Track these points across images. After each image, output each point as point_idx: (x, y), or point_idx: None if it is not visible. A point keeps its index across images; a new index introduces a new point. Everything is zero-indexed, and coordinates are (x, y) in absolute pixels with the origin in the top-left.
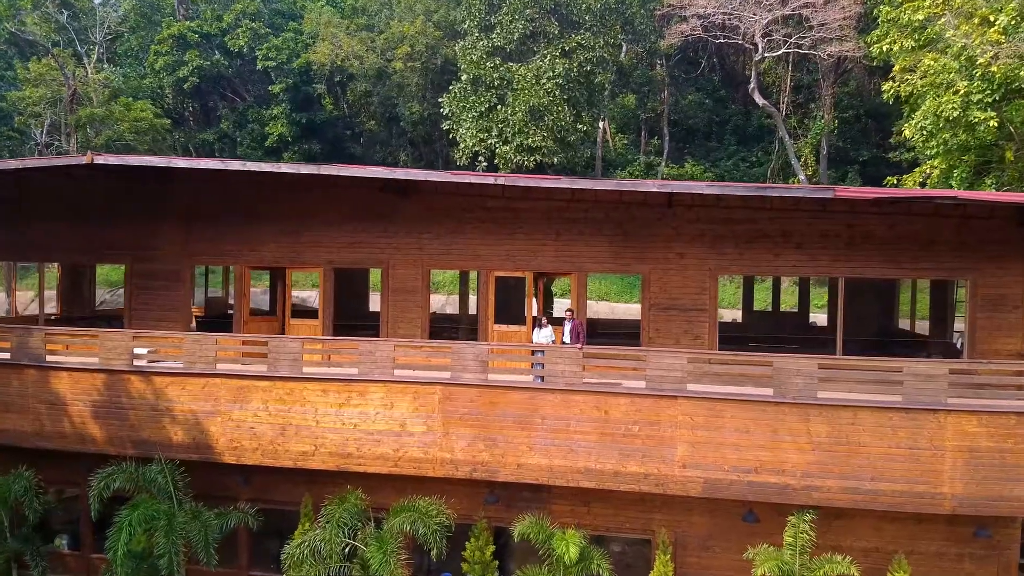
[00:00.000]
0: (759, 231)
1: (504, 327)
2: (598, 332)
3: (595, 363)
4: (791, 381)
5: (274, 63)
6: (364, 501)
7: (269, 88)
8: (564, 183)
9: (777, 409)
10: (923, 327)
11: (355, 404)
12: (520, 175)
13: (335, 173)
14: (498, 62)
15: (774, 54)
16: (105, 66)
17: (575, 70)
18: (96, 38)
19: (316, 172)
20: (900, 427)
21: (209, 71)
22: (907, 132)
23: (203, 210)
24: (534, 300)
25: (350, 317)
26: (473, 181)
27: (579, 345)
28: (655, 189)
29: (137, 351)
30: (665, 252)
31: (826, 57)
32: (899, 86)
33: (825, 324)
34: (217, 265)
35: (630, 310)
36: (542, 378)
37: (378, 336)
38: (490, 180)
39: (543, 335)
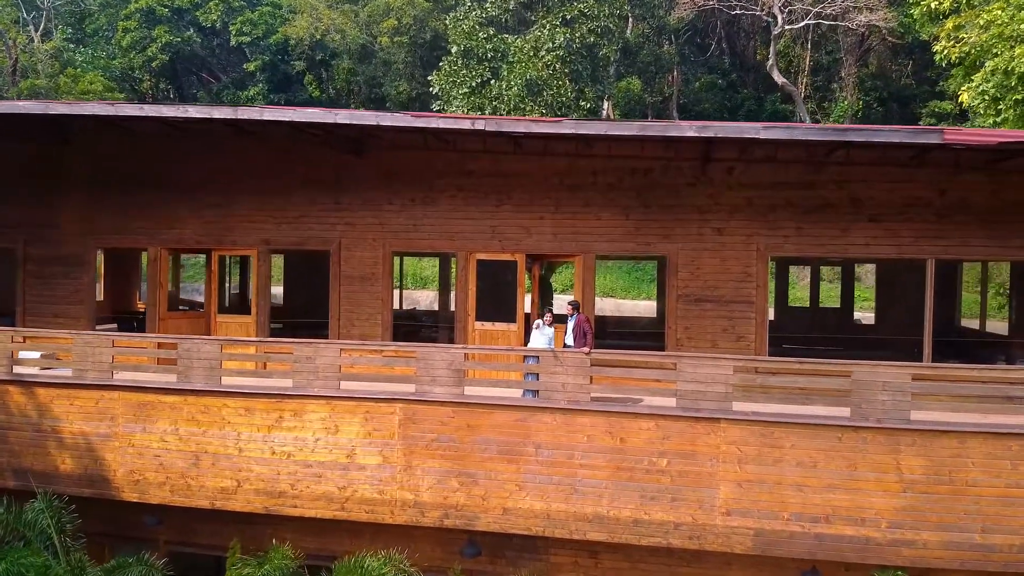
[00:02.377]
0: (822, 199)
1: (488, 325)
2: (607, 332)
3: (607, 373)
4: (876, 398)
5: (249, 38)
6: (294, 558)
7: (244, 66)
8: (567, 127)
9: (856, 436)
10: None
11: (288, 427)
12: (508, 118)
13: (256, 118)
14: (492, 32)
15: (794, 27)
16: (72, 45)
17: (577, 41)
18: (43, 4)
19: (233, 117)
20: (1022, 460)
21: (181, 49)
22: (964, 97)
23: (110, 179)
24: (528, 291)
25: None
26: (443, 126)
27: (585, 349)
28: (693, 134)
29: (27, 355)
30: (699, 227)
31: (853, 27)
32: (952, 45)
33: (872, 322)
34: (128, 246)
35: (638, 308)
36: (536, 393)
37: (343, 337)
38: (467, 125)
39: (542, 336)
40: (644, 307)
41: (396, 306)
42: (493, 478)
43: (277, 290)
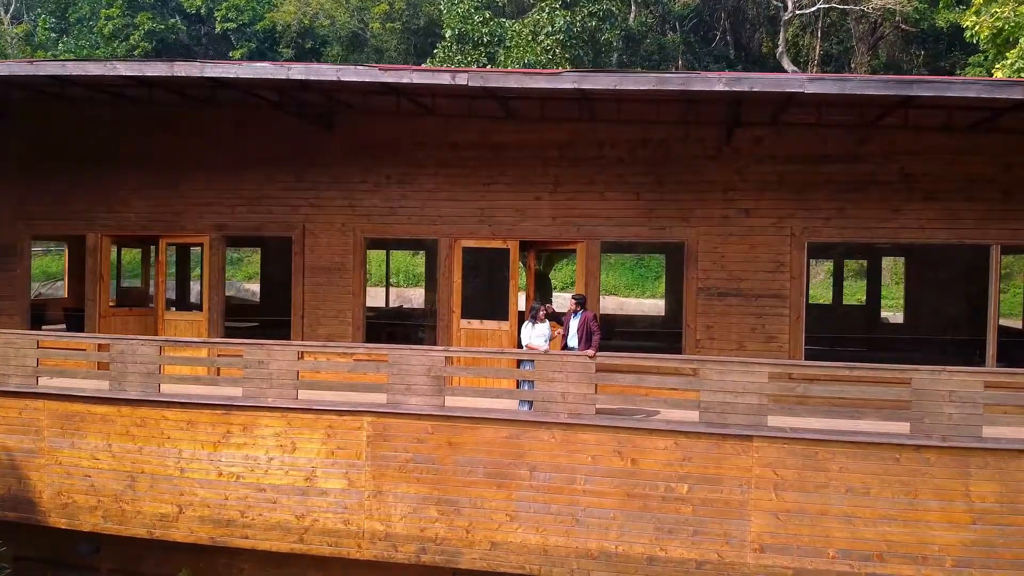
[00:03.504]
0: (869, 174)
1: (476, 324)
2: (615, 331)
3: (616, 380)
4: (940, 411)
5: (234, 24)
6: None
7: (230, 54)
8: (568, 80)
9: (917, 457)
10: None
11: (237, 443)
12: (495, 70)
13: (196, 75)
14: (488, 16)
15: (805, 12)
16: (55, 35)
17: (578, 25)
18: None
19: (168, 75)
20: None
21: (165, 37)
22: (999, 75)
23: (46, 159)
24: (523, 288)
25: None
26: (418, 82)
27: (591, 351)
28: (722, 87)
29: None
30: (722, 208)
31: (868, 11)
32: (983, 20)
33: (901, 320)
34: (66, 233)
35: (642, 306)
36: (531, 404)
37: (308, 338)
38: (446, 79)
39: (536, 334)
40: (649, 306)
41: (382, 304)
42: (479, 506)
43: (257, 287)
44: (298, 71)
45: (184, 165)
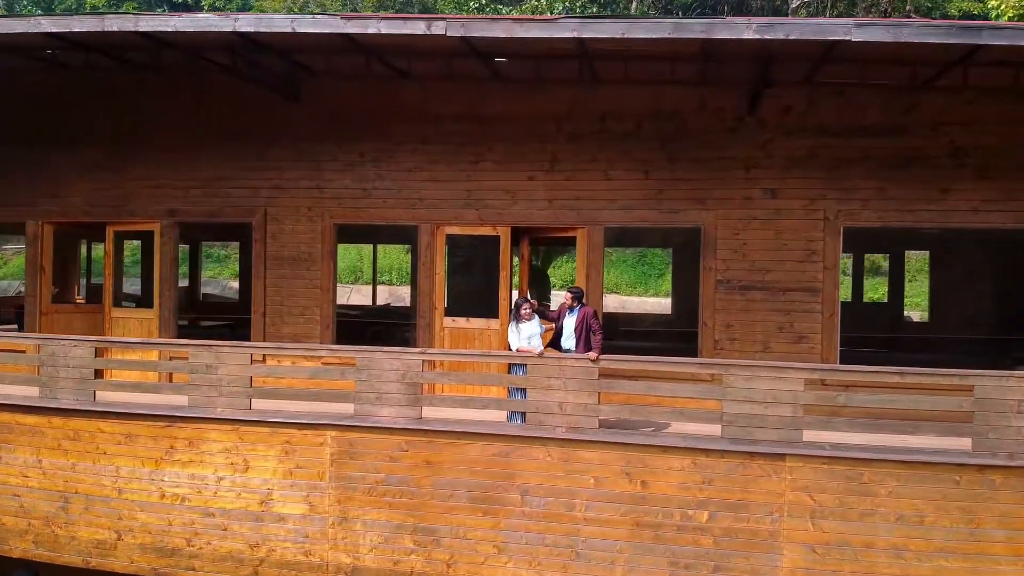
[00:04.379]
0: (912, 149)
1: (462, 322)
2: (619, 331)
3: (623, 388)
4: (1008, 424)
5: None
6: None
7: None
8: (566, 29)
9: (980, 478)
10: None
11: (182, 461)
12: (480, 17)
13: (131, 29)
14: (484, 2)
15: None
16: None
17: (577, 11)
18: None
19: (99, 30)
20: None
21: None
22: None
23: None
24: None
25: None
26: (388, 32)
27: (592, 354)
28: (751, 35)
29: None
30: (744, 188)
31: None
32: None
33: (926, 320)
34: (3, 221)
35: (645, 305)
36: (523, 416)
37: (272, 338)
38: (420, 29)
39: (523, 336)
40: (652, 304)
41: (368, 302)
42: (462, 536)
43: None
44: (246, 22)
45: (132, 143)
